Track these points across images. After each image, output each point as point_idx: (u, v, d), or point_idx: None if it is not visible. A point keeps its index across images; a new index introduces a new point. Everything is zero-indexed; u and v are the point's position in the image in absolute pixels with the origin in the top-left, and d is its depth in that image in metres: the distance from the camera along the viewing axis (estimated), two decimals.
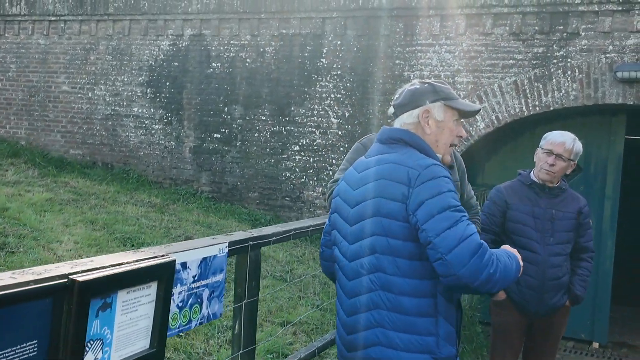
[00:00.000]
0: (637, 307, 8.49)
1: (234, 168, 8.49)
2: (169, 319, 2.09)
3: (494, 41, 6.89)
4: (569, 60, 6.50)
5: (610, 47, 6.30)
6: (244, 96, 8.38)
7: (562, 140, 3.82)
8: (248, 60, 8.34)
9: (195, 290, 2.23)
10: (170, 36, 8.88)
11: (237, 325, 2.60)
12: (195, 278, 2.22)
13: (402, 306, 2.15)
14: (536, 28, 6.65)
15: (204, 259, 2.26)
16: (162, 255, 1.98)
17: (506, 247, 2.27)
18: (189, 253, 2.17)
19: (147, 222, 6.93)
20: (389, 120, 2.42)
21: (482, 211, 4.13)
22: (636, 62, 6.12)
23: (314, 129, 7.95)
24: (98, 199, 7.71)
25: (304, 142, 8.02)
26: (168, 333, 2.07)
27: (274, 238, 2.74)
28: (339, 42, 7.78)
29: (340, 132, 7.77)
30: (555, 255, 3.83)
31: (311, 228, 3.09)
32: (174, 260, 2.03)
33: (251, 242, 2.57)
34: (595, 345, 6.76)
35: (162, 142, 8.96)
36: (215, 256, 2.32)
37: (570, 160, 3.83)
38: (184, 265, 2.15)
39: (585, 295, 3.99)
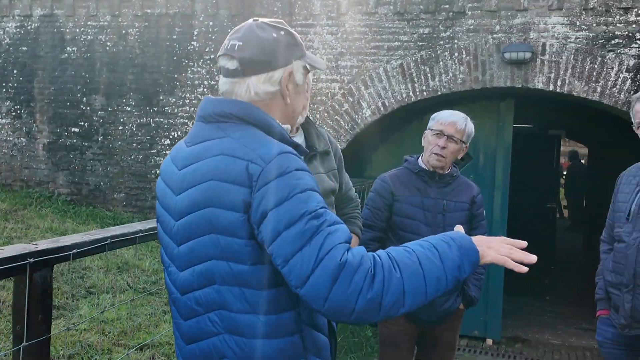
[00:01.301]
0: (528, 296, 8.37)
1: (95, 166, 7.48)
2: None
3: (378, 21, 6.39)
4: (455, 41, 6.11)
5: (498, 27, 5.96)
6: (105, 84, 7.40)
7: (453, 120, 3.34)
8: (109, 43, 7.36)
9: None
10: (17, 17, 7.71)
11: None
12: None
13: (257, 352, 1.51)
14: (421, 7, 6.21)
15: None
16: None
17: (459, 229, 1.63)
18: None
19: None
20: (216, 79, 1.71)
21: (365, 205, 3.58)
22: (523, 42, 5.82)
23: (187, 120, 7.12)
24: None
25: (176, 135, 7.17)
26: None
27: (74, 251, 1.97)
28: (211, 23, 7.00)
29: None
30: None
31: (140, 234, 2.34)
32: None
33: (32, 260, 1.78)
34: (489, 342, 6.44)
35: (11, 138, 7.78)
36: None
37: (462, 142, 3.37)
38: None
39: (480, 296, 3.53)
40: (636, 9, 5.56)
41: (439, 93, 6.15)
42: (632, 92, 5.51)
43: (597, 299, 3.18)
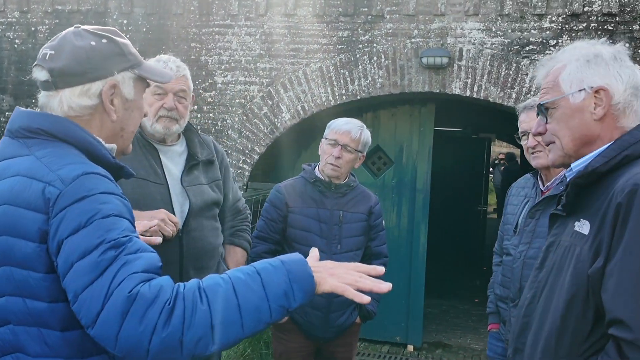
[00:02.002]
0: (457, 299, 8.42)
1: None
2: None
3: (297, 23, 6.24)
4: (374, 45, 6.02)
5: (416, 31, 5.90)
6: (13, 84, 7.02)
7: (347, 129, 3.24)
8: (17, 41, 6.99)
9: None
10: None
11: None
12: None
13: None
14: (340, 9, 6.10)
15: None
16: None
17: (312, 253, 1.54)
18: None
19: None
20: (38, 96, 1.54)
21: (261, 216, 3.45)
22: (441, 47, 5.78)
23: None
24: None
25: None
26: None
27: None
28: (125, 22, 6.72)
29: None
30: None
31: None
32: None
33: None
34: (410, 348, 6.39)
35: None
36: None
37: (358, 151, 3.27)
38: None
39: (377, 310, 3.43)
40: (550, 16, 5.59)
41: (359, 97, 6.05)
42: None
43: (488, 313, 3.13)
